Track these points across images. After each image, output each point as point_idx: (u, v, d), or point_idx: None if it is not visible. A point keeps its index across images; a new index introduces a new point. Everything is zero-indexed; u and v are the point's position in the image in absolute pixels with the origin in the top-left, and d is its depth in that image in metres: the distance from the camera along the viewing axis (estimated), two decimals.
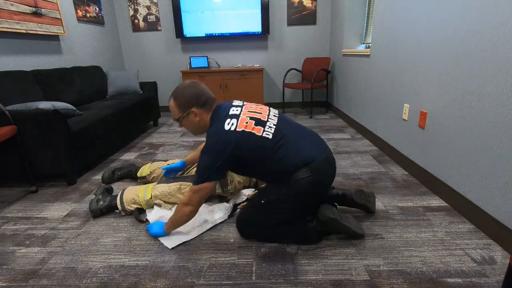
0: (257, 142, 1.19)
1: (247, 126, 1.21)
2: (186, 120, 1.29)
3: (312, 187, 1.22)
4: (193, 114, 1.26)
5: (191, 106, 1.25)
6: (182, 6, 3.95)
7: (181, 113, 1.27)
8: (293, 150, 1.22)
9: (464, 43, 1.46)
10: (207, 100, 1.27)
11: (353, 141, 2.78)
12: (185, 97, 1.24)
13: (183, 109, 1.26)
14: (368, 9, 3.21)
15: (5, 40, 2.33)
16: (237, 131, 1.19)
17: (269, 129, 1.23)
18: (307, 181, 1.20)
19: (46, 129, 1.85)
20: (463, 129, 1.48)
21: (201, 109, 1.26)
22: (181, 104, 1.25)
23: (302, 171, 1.20)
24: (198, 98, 1.25)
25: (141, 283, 1.12)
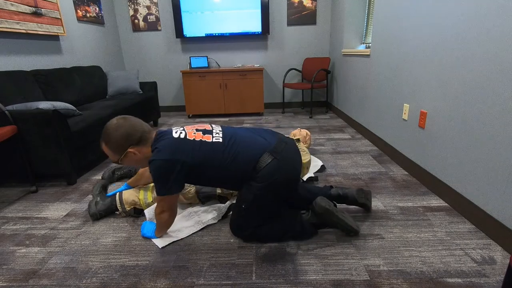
0: (210, 148, 1.19)
1: (196, 136, 1.22)
2: (126, 160, 1.23)
3: (281, 170, 1.22)
4: (131, 153, 1.20)
5: (126, 147, 1.18)
6: (182, 6, 3.95)
7: (118, 156, 1.20)
8: (245, 145, 1.23)
9: (464, 43, 1.46)
10: (141, 136, 1.19)
11: (353, 141, 2.78)
12: (116, 140, 1.16)
13: (118, 153, 1.19)
14: (368, 9, 3.21)
15: (5, 40, 2.34)
16: (187, 138, 1.19)
17: (217, 135, 1.25)
18: (272, 165, 1.20)
19: (46, 129, 1.85)
20: (463, 129, 1.48)
21: (137, 146, 1.19)
22: (114, 148, 1.18)
23: (263, 159, 1.20)
24: (131, 137, 1.17)
25: (141, 283, 1.12)
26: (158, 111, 3.65)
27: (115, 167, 2.04)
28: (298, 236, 1.34)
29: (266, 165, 1.20)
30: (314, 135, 2.99)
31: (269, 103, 4.54)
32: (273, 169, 1.20)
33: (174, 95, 4.54)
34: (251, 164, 1.21)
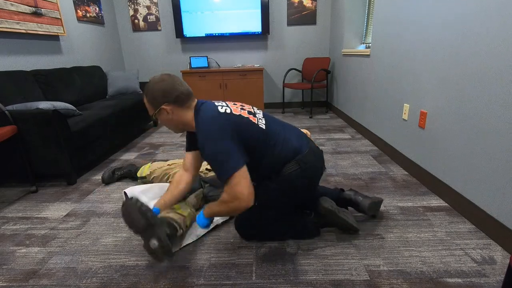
0: (255, 130, 1.13)
1: (242, 112, 1.15)
2: (161, 117, 1.17)
3: (302, 180, 1.21)
4: (164, 111, 1.14)
5: (161, 103, 1.12)
6: (182, 6, 3.95)
7: (154, 110, 1.15)
8: (282, 142, 1.19)
9: (464, 43, 1.46)
10: (179, 96, 1.12)
11: (353, 141, 2.77)
12: (153, 93, 1.12)
13: (154, 106, 1.14)
14: (368, 9, 3.21)
15: (5, 40, 2.34)
16: (234, 113, 1.11)
17: (260, 121, 1.19)
18: (296, 174, 1.18)
19: (46, 129, 1.85)
20: (463, 129, 1.48)
21: (173, 105, 1.13)
22: (151, 100, 1.13)
23: (290, 164, 1.18)
24: (167, 94, 1.11)
25: (141, 283, 1.12)
26: None
27: (115, 167, 2.04)
28: (299, 236, 1.35)
29: (290, 171, 1.18)
30: (314, 135, 2.99)
31: (269, 103, 4.54)
32: (295, 177, 1.19)
33: None
34: (278, 165, 1.18)
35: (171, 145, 2.83)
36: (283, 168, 1.19)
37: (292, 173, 1.18)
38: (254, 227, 1.33)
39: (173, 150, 2.69)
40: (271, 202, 1.25)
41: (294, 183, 1.20)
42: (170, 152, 2.62)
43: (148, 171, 1.86)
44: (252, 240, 1.36)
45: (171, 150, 2.70)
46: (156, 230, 1.07)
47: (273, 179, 1.21)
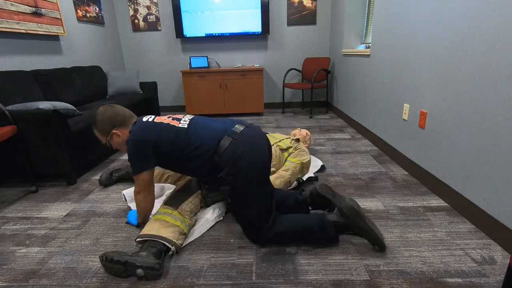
0: (175, 132, 1.27)
1: (164, 120, 1.32)
2: (113, 142, 1.38)
3: (241, 148, 1.22)
4: (115, 135, 1.35)
5: (111, 129, 1.34)
6: (182, 6, 3.95)
7: (106, 137, 1.36)
8: (207, 131, 1.29)
9: (464, 43, 1.46)
10: (123, 119, 1.35)
11: (353, 141, 2.78)
12: (102, 123, 1.34)
13: (105, 134, 1.35)
14: (368, 9, 3.21)
15: (5, 40, 2.34)
16: (155, 121, 1.31)
17: (184, 122, 1.33)
18: (232, 146, 1.22)
19: (46, 129, 1.85)
20: (463, 129, 1.48)
21: (120, 128, 1.35)
22: (101, 130, 1.35)
23: (222, 141, 1.24)
24: (113, 120, 1.34)
25: (141, 283, 1.12)
26: (158, 111, 3.65)
27: (113, 169, 2.04)
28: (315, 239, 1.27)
29: (226, 146, 1.22)
30: (314, 135, 2.99)
31: (269, 103, 4.54)
32: (233, 150, 1.22)
33: (174, 95, 4.54)
34: (212, 149, 1.25)
35: None
36: (218, 149, 1.23)
37: (228, 147, 1.22)
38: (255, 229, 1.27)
39: None
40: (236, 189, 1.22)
41: (234, 156, 1.21)
42: None
43: None
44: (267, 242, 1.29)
45: None
46: (136, 264, 1.11)
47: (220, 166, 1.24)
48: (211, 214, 1.52)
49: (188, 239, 1.36)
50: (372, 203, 1.64)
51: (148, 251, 1.16)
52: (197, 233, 1.40)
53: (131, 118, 1.38)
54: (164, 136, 1.27)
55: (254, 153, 1.24)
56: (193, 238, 1.37)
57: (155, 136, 1.26)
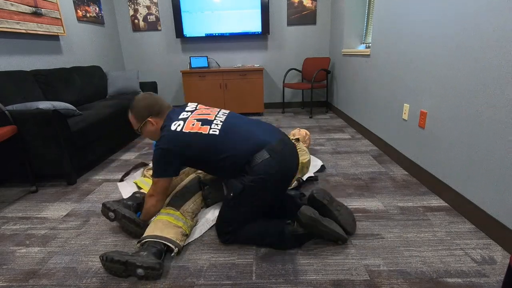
0: (205, 140, 1.25)
1: (193, 127, 1.28)
2: (144, 130, 1.39)
3: (274, 169, 1.21)
4: (149, 123, 1.36)
5: (147, 116, 1.35)
6: (182, 6, 3.95)
7: (139, 123, 1.37)
8: (242, 139, 1.26)
9: (464, 43, 1.46)
10: (160, 109, 1.36)
11: (353, 141, 2.78)
12: (139, 109, 1.35)
13: (139, 120, 1.36)
14: (368, 9, 3.21)
15: (5, 40, 2.34)
16: (183, 131, 1.27)
17: (215, 126, 1.29)
18: (267, 162, 1.20)
19: (46, 129, 1.85)
20: (463, 128, 1.48)
21: (156, 117, 1.36)
22: (137, 116, 1.36)
23: (259, 155, 1.21)
24: (151, 108, 1.35)
25: (141, 283, 1.12)
26: None
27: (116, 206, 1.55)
28: (276, 245, 1.29)
29: (261, 160, 1.21)
30: (314, 135, 2.99)
31: (269, 103, 4.54)
32: (268, 166, 1.20)
33: (174, 95, 4.54)
34: (245, 158, 1.22)
35: None
36: (252, 159, 1.21)
37: (263, 161, 1.20)
38: (231, 225, 1.30)
39: None
40: (246, 192, 1.23)
41: (267, 172, 1.20)
42: None
43: None
44: (229, 243, 1.33)
45: None
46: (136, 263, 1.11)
47: (247, 171, 1.22)
48: (211, 214, 1.52)
49: (188, 239, 1.36)
50: (372, 203, 1.64)
51: (148, 251, 1.16)
52: (198, 233, 1.40)
53: (167, 110, 1.39)
54: (193, 146, 1.25)
55: (283, 176, 1.26)
56: (193, 238, 1.37)
57: (184, 146, 1.25)
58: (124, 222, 1.37)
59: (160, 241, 1.21)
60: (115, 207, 1.38)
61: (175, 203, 1.40)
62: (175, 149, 1.25)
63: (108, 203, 1.40)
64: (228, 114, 1.39)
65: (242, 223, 1.30)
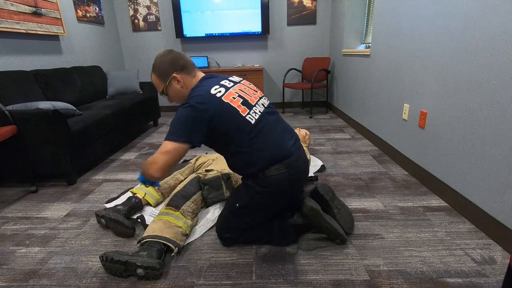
0: (238, 121, 1.13)
1: (233, 101, 1.15)
2: (170, 90, 1.23)
3: (287, 185, 1.18)
4: (175, 80, 1.21)
5: (171, 72, 1.20)
6: (182, 6, 3.95)
7: (164, 83, 1.22)
8: (271, 141, 1.17)
9: (464, 43, 1.46)
10: (185, 64, 1.22)
11: (353, 141, 2.78)
12: (162, 66, 1.20)
13: (164, 78, 1.21)
14: (368, 9, 3.21)
15: (5, 40, 2.33)
16: (222, 99, 1.13)
17: (253, 114, 1.17)
18: (283, 177, 1.15)
19: (46, 129, 1.85)
20: (463, 129, 1.48)
21: (181, 73, 1.21)
22: (161, 73, 1.20)
23: (277, 167, 1.15)
24: (176, 62, 1.20)
25: (141, 283, 1.12)
26: (158, 111, 3.65)
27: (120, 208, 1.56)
28: (275, 241, 1.29)
29: (277, 174, 1.15)
30: (314, 135, 2.99)
31: None
32: (281, 181, 1.16)
33: None
34: (263, 165, 1.15)
35: None
36: (270, 168, 1.15)
37: (278, 175, 1.15)
38: (233, 232, 1.28)
39: None
40: (253, 204, 1.22)
41: (278, 186, 1.17)
42: None
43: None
44: (229, 245, 1.32)
45: None
46: (136, 263, 1.10)
47: (257, 178, 1.18)
48: (211, 214, 1.52)
49: (188, 239, 1.36)
50: (372, 203, 1.64)
51: (148, 251, 1.16)
52: (198, 233, 1.40)
53: (195, 68, 1.26)
54: (225, 120, 1.11)
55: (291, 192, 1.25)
56: (193, 238, 1.37)
57: (217, 115, 1.10)
58: (113, 225, 1.40)
59: (160, 241, 1.21)
60: (103, 213, 1.42)
61: (175, 203, 1.40)
62: (208, 111, 1.08)
63: (99, 211, 1.45)
64: (266, 107, 1.26)
65: (245, 230, 1.29)
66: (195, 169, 1.81)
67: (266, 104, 1.29)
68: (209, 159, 1.85)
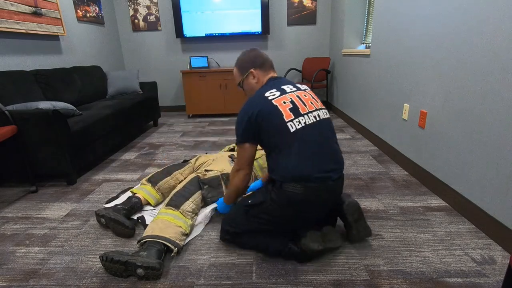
0: (280, 125, 1.14)
1: (282, 105, 1.17)
2: (246, 82, 1.36)
3: (299, 206, 1.13)
4: (251, 75, 1.33)
5: (250, 67, 1.33)
6: (182, 6, 3.95)
7: (242, 76, 1.35)
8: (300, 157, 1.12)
9: (464, 43, 1.46)
10: (264, 62, 1.34)
11: (353, 141, 2.78)
12: (243, 61, 1.34)
13: (242, 72, 1.35)
14: (368, 9, 3.21)
15: (5, 40, 2.33)
16: (272, 102, 1.18)
17: (297, 123, 1.14)
18: (295, 197, 1.11)
19: (46, 129, 1.85)
20: (463, 129, 1.48)
21: (258, 70, 1.33)
22: (240, 67, 1.35)
23: (295, 184, 1.11)
24: (255, 59, 1.33)
25: (141, 283, 1.12)
26: (158, 111, 3.65)
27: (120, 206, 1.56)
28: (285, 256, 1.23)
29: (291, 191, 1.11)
30: None
31: None
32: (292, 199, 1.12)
33: (174, 95, 4.54)
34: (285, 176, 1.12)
35: (171, 145, 2.83)
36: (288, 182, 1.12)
37: (293, 193, 1.11)
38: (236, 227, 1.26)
39: (173, 150, 2.69)
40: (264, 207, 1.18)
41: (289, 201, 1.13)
42: (170, 152, 2.62)
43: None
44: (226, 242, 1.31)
45: (171, 150, 2.70)
46: (136, 263, 1.10)
47: (276, 187, 1.15)
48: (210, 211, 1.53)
49: (188, 237, 1.36)
50: (372, 203, 1.64)
51: (149, 251, 1.16)
52: (198, 230, 1.41)
53: (271, 68, 1.36)
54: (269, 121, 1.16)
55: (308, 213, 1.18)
56: (194, 235, 1.38)
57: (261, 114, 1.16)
58: (113, 225, 1.40)
59: (160, 241, 1.21)
60: (103, 213, 1.43)
61: (174, 202, 1.40)
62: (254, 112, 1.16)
63: (99, 211, 1.46)
64: (319, 120, 1.20)
65: (247, 231, 1.26)
66: (195, 169, 1.81)
67: (322, 117, 1.22)
68: (209, 159, 1.85)
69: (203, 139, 3.00)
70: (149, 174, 1.89)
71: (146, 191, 1.63)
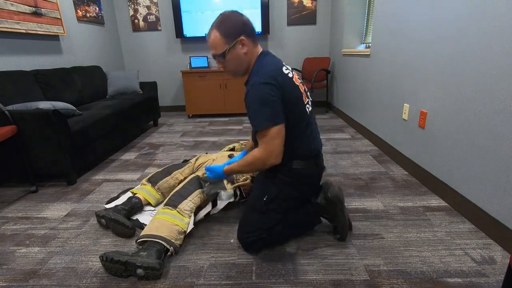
0: (302, 105, 1.13)
1: (300, 86, 1.15)
2: (232, 53, 1.09)
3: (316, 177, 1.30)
4: (240, 43, 1.07)
5: (240, 33, 1.06)
6: (182, 6, 3.95)
7: (228, 44, 1.07)
8: (313, 136, 1.24)
9: (464, 43, 1.46)
10: (252, 31, 1.11)
11: (353, 141, 2.78)
12: (232, 24, 1.05)
13: (230, 38, 1.07)
14: (368, 9, 3.21)
15: (5, 40, 2.34)
16: (293, 80, 1.11)
17: (308, 106, 1.21)
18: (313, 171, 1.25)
19: (46, 129, 1.85)
20: (463, 129, 1.48)
21: (249, 38, 1.09)
22: (227, 32, 1.06)
23: (309, 162, 1.23)
24: (246, 25, 1.08)
25: (141, 283, 1.12)
26: (158, 111, 3.65)
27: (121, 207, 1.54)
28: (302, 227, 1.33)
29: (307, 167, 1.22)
30: None
31: None
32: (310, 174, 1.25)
33: (174, 95, 4.54)
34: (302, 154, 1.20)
35: (171, 145, 2.83)
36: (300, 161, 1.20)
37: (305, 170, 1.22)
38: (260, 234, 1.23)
39: (173, 150, 2.69)
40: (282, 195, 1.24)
41: (308, 178, 1.25)
42: (170, 152, 2.62)
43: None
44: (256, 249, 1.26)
45: (171, 150, 2.70)
46: (136, 264, 1.10)
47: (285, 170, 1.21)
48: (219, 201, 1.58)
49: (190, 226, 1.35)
50: (372, 203, 1.64)
51: (148, 251, 1.16)
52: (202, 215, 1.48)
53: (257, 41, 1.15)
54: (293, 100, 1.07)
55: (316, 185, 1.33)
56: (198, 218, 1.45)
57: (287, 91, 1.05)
58: (113, 225, 1.41)
59: (158, 240, 1.21)
60: (103, 214, 1.43)
61: (172, 202, 1.40)
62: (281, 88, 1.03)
63: (99, 212, 1.46)
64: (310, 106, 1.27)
65: (272, 229, 1.24)
66: (195, 169, 1.81)
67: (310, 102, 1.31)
68: (209, 159, 1.85)
69: (203, 139, 3.00)
70: (149, 174, 1.89)
71: (146, 191, 1.63)
